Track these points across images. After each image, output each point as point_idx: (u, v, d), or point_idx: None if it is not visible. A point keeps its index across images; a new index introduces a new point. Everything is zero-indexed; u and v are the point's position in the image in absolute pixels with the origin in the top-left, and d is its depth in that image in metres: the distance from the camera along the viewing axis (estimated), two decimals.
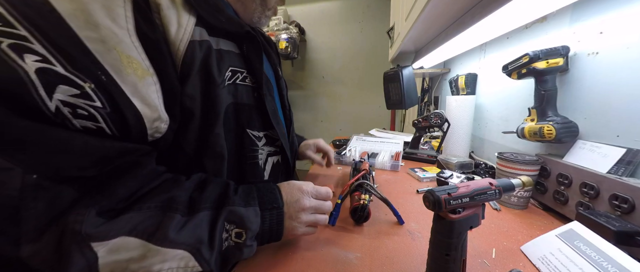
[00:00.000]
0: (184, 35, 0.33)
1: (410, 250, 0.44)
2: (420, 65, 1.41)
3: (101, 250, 0.25)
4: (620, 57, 0.47)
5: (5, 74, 0.22)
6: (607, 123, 0.50)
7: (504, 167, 0.59)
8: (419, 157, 1.00)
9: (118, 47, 0.27)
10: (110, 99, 0.27)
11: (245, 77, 0.43)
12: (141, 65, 0.29)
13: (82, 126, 0.27)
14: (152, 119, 0.31)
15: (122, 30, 0.27)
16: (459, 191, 0.30)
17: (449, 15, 0.73)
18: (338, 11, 2.46)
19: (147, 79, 0.30)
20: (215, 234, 0.32)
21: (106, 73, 0.27)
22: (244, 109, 0.43)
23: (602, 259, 0.33)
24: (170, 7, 0.32)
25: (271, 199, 0.39)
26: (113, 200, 0.28)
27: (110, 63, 0.27)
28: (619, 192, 0.42)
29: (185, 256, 0.29)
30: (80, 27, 0.25)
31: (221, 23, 0.38)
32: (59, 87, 0.24)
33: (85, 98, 0.26)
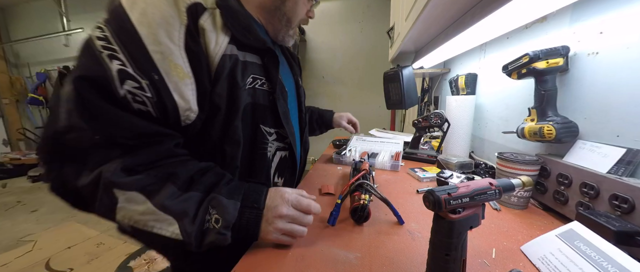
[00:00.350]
0: (219, 51, 0.44)
1: (410, 250, 0.44)
2: (420, 65, 1.41)
3: (121, 198, 0.36)
4: (620, 57, 0.47)
5: (101, 72, 0.36)
6: (607, 123, 0.50)
7: (504, 167, 0.59)
8: (419, 157, 1.00)
9: (170, 57, 0.40)
10: (157, 93, 0.39)
11: (263, 83, 0.53)
12: (183, 70, 0.41)
13: (138, 109, 0.39)
14: (185, 109, 0.43)
15: (175, 46, 0.40)
16: (459, 191, 0.30)
17: (449, 15, 0.73)
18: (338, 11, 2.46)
19: (186, 81, 0.42)
20: (198, 212, 0.39)
21: (159, 74, 0.39)
22: (260, 108, 0.53)
23: (602, 259, 0.33)
24: (211, 31, 0.43)
25: (255, 198, 0.43)
26: (136, 162, 0.38)
27: (163, 68, 0.39)
28: (619, 192, 0.42)
29: (173, 222, 0.37)
30: (149, 43, 0.38)
31: (249, 41, 0.48)
32: (127, 81, 0.37)
33: (142, 90, 0.38)
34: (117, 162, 0.37)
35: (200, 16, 0.42)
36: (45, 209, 2.49)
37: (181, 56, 0.40)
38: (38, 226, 2.16)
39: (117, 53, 0.37)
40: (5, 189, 3.16)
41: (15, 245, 1.88)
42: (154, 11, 0.38)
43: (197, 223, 0.38)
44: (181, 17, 0.40)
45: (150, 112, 0.39)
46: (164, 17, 0.39)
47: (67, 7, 3.63)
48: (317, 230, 0.50)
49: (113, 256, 1.69)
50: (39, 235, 2.00)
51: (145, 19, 0.38)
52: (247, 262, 0.41)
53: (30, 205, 2.60)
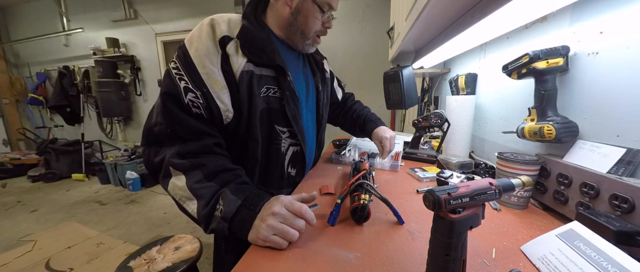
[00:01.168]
0: (239, 69, 0.60)
1: (410, 250, 0.44)
2: (420, 65, 1.41)
3: (174, 175, 0.54)
4: (620, 57, 0.47)
5: (175, 88, 0.56)
6: (607, 123, 0.50)
7: (504, 167, 0.59)
8: (419, 157, 1.00)
9: (212, 76, 0.58)
10: (206, 100, 0.57)
11: (276, 91, 0.66)
12: (221, 83, 0.59)
13: (195, 112, 0.57)
14: (224, 110, 0.60)
15: (215, 68, 0.58)
16: (459, 191, 0.30)
17: (449, 15, 0.73)
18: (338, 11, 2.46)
19: (223, 91, 0.59)
20: (211, 200, 0.50)
21: (206, 88, 0.57)
22: (274, 112, 0.66)
23: (602, 259, 0.33)
24: (234, 55, 0.60)
25: (254, 202, 0.49)
26: (184, 151, 0.55)
27: (208, 83, 0.57)
28: (619, 192, 0.42)
29: (193, 202, 0.51)
30: (199, 67, 0.57)
31: (262, 60, 0.63)
32: (188, 93, 0.56)
33: (197, 98, 0.57)
34: (175, 149, 0.54)
35: (227, 45, 0.59)
36: (45, 209, 2.49)
37: (219, 74, 0.59)
38: (38, 226, 2.16)
39: (183, 76, 0.56)
40: (5, 189, 3.16)
41: (15, 245, 1.88)
42: (201, 46, 0.58)
43: (208, 209, 0.49)
44: (217, 48, 0.59)
45: (202, 114, 0.58)
46: (207, 49, 0.58)
47: (67, 7, 3.63)
48: (317, 230, 0.50)
49: (113, 256, 1.69)
50: (39, 235, 2.00)
51: (197, 52, 0.57)
52: (247, 262, 0.41)
53: (30, 205, 2.60)
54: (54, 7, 3.57)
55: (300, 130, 0.70)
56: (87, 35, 3.59)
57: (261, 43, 0.63)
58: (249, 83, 0.61)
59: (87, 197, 2.82)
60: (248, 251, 0.44)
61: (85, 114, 3.78)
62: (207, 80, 0.57)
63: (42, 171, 3.42)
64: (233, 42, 0.60)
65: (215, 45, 0.58)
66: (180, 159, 0.53)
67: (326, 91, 0.88)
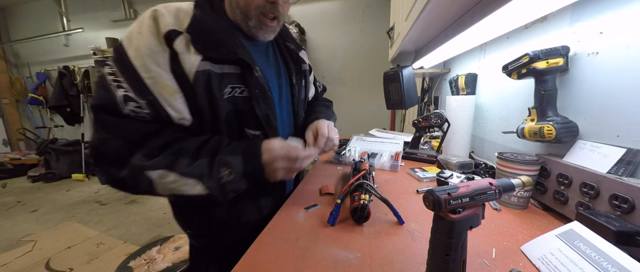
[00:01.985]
0: (192, 68, 0.50)
1: (410, 250, 0.44)
2: (420, 65, 1.41)
3: (154, 176, 0.46)
4: (621, 57, 0.47)
5: (110, 99, 0.47)
6: (607, 123, 0.50)
7: (504, 167, 0.59)
8: (419, 157, 1.00)
9: (160, 80, 0.49)
10: (153, 109, 0.49)
11: (242, 90, 0.56)
12: (171, 87, 0.50)
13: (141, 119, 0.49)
14: (179, 118, 0.52)
15: (163, 70, 0.49)
16: (459, 191, 0.30)
17: (449, 15, 0.73)
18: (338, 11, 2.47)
19: (176, 96, 0.50)
20: (212, 171, 0.49)
21: (153, 95, 0.48)
22: (242, 114, 0.58)
23: (602, 259, 0.33)
24: (184, 52, 0.50)
25: (252, 152, 0.52)
26: (151, 148, 0.49)
27: (155, 89, 0.48)
28: (619, 192, 0.42)
29: (196, 183, 0.48)
30: (142, 72, 0.48)
31: (222, 55, 0.53)
32: (129, 103, 0.47)
33: (140, 108, 0.48)
34: (140, 152, 0.48)
35: (174, 41, 0.49)
36: (45, 209, 2.49)
37: (169, 77, 0.49)
38: (38, 226, 2.16)
39: (121, 83, 0.48)
40: (5, 189, 3.16)
41: (15, 245, 1.88)
42: (142, 45, 0.48)
43: (214, 179, 0.49)
44: (162, 45, 0.49)
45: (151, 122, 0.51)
46: (150, 48, 0.48)
47: (67, 7, 3.63)
48: (317, 230, 0.50)
49: (113, 256, 1.69)
50: (39, 235, 2.00)
51: (138, 53, 0.48)
52: (247, 262, 0.41)
53: (30, 205, 2.60)
54: (54, 7, 3.57)
55: (274, 132, 0.61)
56: (87, 35, 3.59)
57: (219, 35, 0.53)
58: (206, 84, 0.52)
59: (87, 197, 2.81)
60: (248, 251, 0.44)
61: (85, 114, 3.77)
62: (153, 87, 0.48)
63: (42, 171, 3.41)
64: (182, 37, 0.50)
65: (160, 42, 0.49)
66: (151, 159, 0.48)
67: (304, 86, 0.77)
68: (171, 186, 0.48)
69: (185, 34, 0.50)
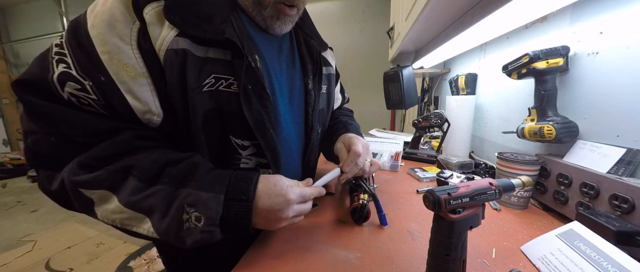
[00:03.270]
0: (163, 45, 0.38)
1: (410, 250, 0.44)
2: (420, 65, 1.41)
3: (94, 197, 0.35)
4: (620, 57, 0.47)
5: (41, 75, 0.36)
6: (607, 123, 0.50)
7: (504, 167, 0.59)
8: (419, 157, 1.00)
9: (118, 57, 0.37)
10: (103, 95, 0.37)
11: (230, 83, 0.42)
12: (136, 69, 0.38)
13: (88, 110, 0.37)
14: (143, 111, 0.39)
15: (126, 45, 0.37)
16: (459, 191, 0.30)
17: (449, 15, 0.73)
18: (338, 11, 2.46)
19: (140, 80, 0.38)
20: (170, 208, 0.36)
21: (107, 75, 0.36)
22: (227, 114, 0.43)
23: (602, 259, 0.33)
24: (155, 25, 0.38)
25: (241, 189, 0.38)
26: (91, 158, 0.36)
27: (112, 68, 0.36)
28: (619, 192, 0.42)
29: (143, 219, 0.36)
30: (98, 44, 0.36)
31: (205, 33, 0.40)
32: (68, 83, 0.36)
33: (85, 92, 0.36)
34: (75, 161, 0.35)
35: (144, 8, 0.37)
36: (45, 209, 2.49)
37: (133, 55, 0.37)
38: (38, 226, 2.16)
39: (65, 57, 0.36)
40: (5, 189, 3.16)
41: (15, 245, 1.88)
42: (104, 11, 0.37)
43: (169, 219, 0.35)
44: (130, 13, 0.37)
45: (102, 114, 0.38)
46: (112, 15, 0.36)
47: (67, 7, 3.63)
48: (317, 230, 0.50)
49: (113, 256, 1.69)
50: (39, 235, 2.00)
51: (97, 20, 0.37)
52: (247, 263, 0.41)
53: (30, 205, 2.60)
54: (54, 7, 3.57)
55: (269, 144, 0.46)
56: None
57: (208, 8, 0.41)
58: (180, 69, 0.39)
59: None
60: (248, 251, 0.44)
61: None
62: (108, 64, 0.36)
63: None
64: (155, 3, 0.38)
65: (127, 9, 0.37)
66: (88, 173, 0.35)
67: (325, 93, 0.61)
68: (112, 216, 0.35)
69: (159, 1, 0.38)
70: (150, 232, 0.36)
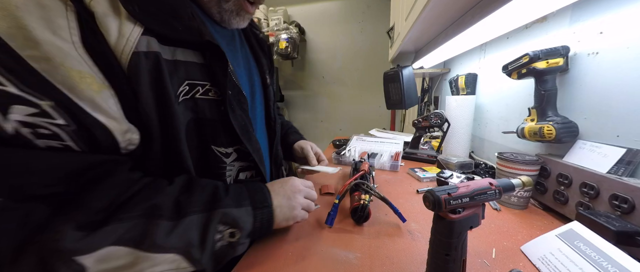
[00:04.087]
0: (126, 46, 0.29)
1: (410, 250, 0.44)
2: (420, 65, 1.41)
3: (88, 261, 0.25)
4: (621, 57, 0.47)
5: None
6: (607, 123, 0.50)
7: (504, 167, 0.59)
8: (419, 157, 1.00)
9: (65, 63, 0.25)
10: (73, 116, 0.26)
11: (207, 90, 0.39)
12: (95, 79, 0.28)
13: (47, 146, 0.26)
14: (122, 131, 0.30)
15: (67, 44, 0.26)
16: (459, 191, 0.30)
17: (449, 15, 0.73)
18: (338, 11, 2.46)
19: (105, 92, 0.29)
20: (207, 236, 0.33)
21: (59, 92, 0.25)
22: (207, 124, 0.40)
23: (602, 259, 0.33)
24: (108, 15, 0.28)
25: (262, 198, 0.41)
26: (90, 213, 0.27)
27: (61, 81, 0.25)
28: (619, 192, 0.42)
29: (176, 258, 0.30)
30: (20, 46, 0.23)
31: (177, 32, 0.34)
32: (13, 107, 0.23)
33: (45, 116, 0.25)
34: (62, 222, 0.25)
35: None
36: None
37: (81, 58, 0.27)
38: None
39: None
40: None
41: None
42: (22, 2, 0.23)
43: (208, 248, 0.33)
44: None
45: (70, 147, 0.27)
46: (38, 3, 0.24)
47: None
48: (317, 230, 0.50)
49: None
50: None
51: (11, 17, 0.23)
52: (247, 263, 0.41)
53: None
54: None
55: (255, 147, 0.45)
56: None
57: (168, 1, 0.33)
58: (154, 76, 0.32)
59: None
60: (248, 251, 0.44)
61: None
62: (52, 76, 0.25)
63: None
64: None
65: None
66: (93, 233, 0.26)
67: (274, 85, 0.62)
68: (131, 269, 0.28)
69: None
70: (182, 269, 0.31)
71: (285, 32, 2.14)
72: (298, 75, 2.64)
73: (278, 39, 2.10)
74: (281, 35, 2.11)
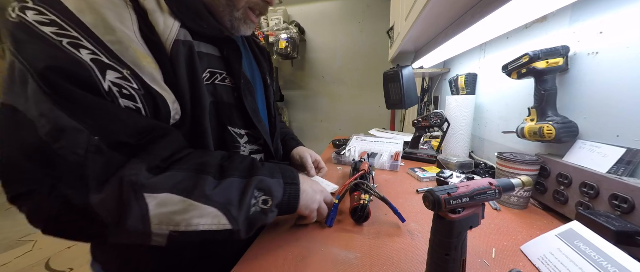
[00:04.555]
0: (170, 35, 0.37)
1: (410, 250, 0.44)
2: (420, 65, 1.41)
3: (152, 203, 0.32)
4: (620, 57, 0.47)
5: (72, 64, 0.29)
6: (607, 123, 0.50)
7: (504, 167, 0.59)
8: (419, 157, 1.00)
9: (132, 46, 0.33)
10: (142, 83, 0.34)
11: (224, 78, 0.46)
12: (151, 59, 0.35)
13: (126, 106, 0.33)
14: (172, 100, 0.38)
15: (131, 32, 0.33)
16: (459, 191, 0.30)
17: (449, 15, 0.73)
18: (338, 11, 2.46)
19: (159, 70, 0.36)
20: (245, 198, 0.37)
21: (129, 67, 0.33)
22: (225, 107, 0.46)
23: (602, 259, 0.33)
24: (158, 12, 0.36)
25: (292, 176, 0.45)
26: (157, 159, 0.34)
27: (130, 59, 0.33)
28: (619, 192, 0.42)
29: (218, 214, 0.35)
30: (102, 33, 0.31)
31: (202, 29, 0.42)
32: (108, 72, 0.31)
33: (126, 80, 0.33)
34: (138, 163, 0.32)
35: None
36: None
37: (141, 43, 0.34)
38: None
39: (79, 41, 0.30)
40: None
41: (15, 245, 1.88)
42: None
43: (244, 209, 0.37)
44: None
45: (140, 110, 0.34)
46: None
47: None
48: (317, 230, 0.50)
49: None
50: (39, 235, 2.00)
51: (85, 3, 0.30)
52: (247, 263, 0.41)
53: None
54: None
55: (264, 129, 0.52)
56: None
57: (194, 3, 0.41)
58: (189, 61, 0.39)
59: None
60: (248, 251, 0.44)
61: None
62: (124, 55, 0.33)
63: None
64: None
65: None
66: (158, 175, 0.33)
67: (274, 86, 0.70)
68: (179, 218, 0.33)
69: None
70: (222, 226, 0.35)
71: (285, 32, 2.14)
72: (298, 75, 2.64)
73: (278, 39, 2.10)
74: (281, 35, 2.11)
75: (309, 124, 2.73)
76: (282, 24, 2.21)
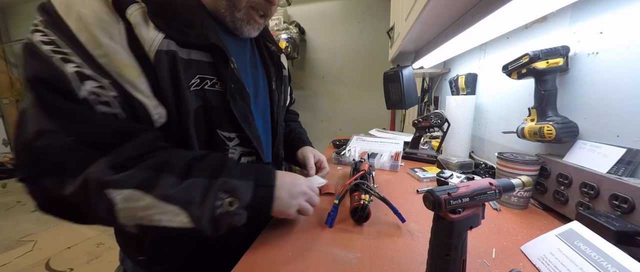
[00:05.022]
0: (152, 46, 0.40)
1: (410, 250, 0.44)
2: (420, 65, 1.41)
3: (117, 198, 0.34)
4: (620, 57, 0.47)
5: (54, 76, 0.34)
6: (607, 123, 0.50)
7: (504, 167, 0.59)
8: (419, 157, 1.00)
9: (117, 57, 0.37)
10: (121, 92, 0.37)
11: (214, 83, 0.47)
12: (135, 68, 0.39)
13: (102, 112, 0.36)
14: (154, 105, 0.40)
15: (118, 45, 0.37)
16: (459, 191, 0.30)
17: (449, 15, 0.73)
18: (338, 11, 2.46)
19: (141, 78, 0.39)
20: (207, 198, 0.38)
21: (112, 76, 0.37)
22: (213, 111, 0.47)
23: (602, 259, 0.33)
24: (142, 25, 0.39)
25: (266, 178, 0.45)
26: (121, 157, 0.36)
27: (113, 69, 0.37)
28: (619, 192, 0.42)
29: (179, 212, 0.37)
30: (92, 48, 0.36)
31: (189, 38, 0.43)
32: (86, 82, 0.35)
33: (104, 89, 0.36)
34: (103, 161, 0.35)
35: (126, 10, 0.38)
36: None
37: (128, 54, 0.38)
38: (38, 226, 2.16)
39: (69, 55, 0.35)
40: (5, 189, 3.16)
41: (15, 245, 1.87)
42: (88, 13, 0.36)
43: (207, 208, 0.38)
44: (113, 14, 0.37)
45: (116, 115, 0.37)
46: (98, 17, 0.36)
47: None
48: (317, 230, 0.50)
49: (113, 256, 1.69)
50: (39, 235, 2.00)
51: (81, 25, 0.36)
52: (247, 263, 0.41)
53: (30, 205, 2.60)
54: None
55: (254, 133, 0.52)
56: None
57: (186, 13, 0.43)
58: (171, 69, 0.41)
59: None
60: (248, 251, 0.44)
61: None
62: (108, 66, 0.36)
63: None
64: (136, 5, 0.39)
65: (110, 9, 0.37)
66: (120, 172, 0.35)
67: (283, 92, 0.69)
68: (141, 213, 0.36)
69: (141, 4, 0.39)
70: (183, 223, 0.37)
71: (285, 32, 2.14)
72: (298, 75, 2.64)
73: (278, 39, 2.10)
74: (281, 35, 2.11)
75: (309, 124, 2.72)
76: (282, 24, 2.21)
